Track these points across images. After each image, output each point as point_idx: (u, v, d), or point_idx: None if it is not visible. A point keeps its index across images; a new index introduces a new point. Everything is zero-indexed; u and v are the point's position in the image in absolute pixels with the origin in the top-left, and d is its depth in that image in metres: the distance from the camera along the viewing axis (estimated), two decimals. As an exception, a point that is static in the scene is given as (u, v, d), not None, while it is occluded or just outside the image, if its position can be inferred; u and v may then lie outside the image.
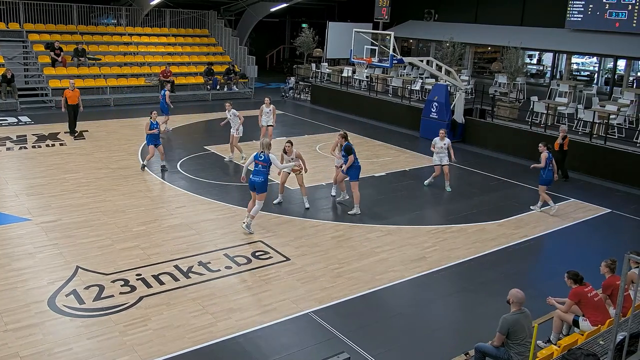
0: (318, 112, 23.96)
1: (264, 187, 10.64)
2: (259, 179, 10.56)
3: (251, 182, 10.67)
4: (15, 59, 22.99)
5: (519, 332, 6.38)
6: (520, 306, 6.54)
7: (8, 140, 16.49)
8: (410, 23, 29.67)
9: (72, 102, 17.39)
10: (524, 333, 6.39)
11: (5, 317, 7.56)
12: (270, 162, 10.68)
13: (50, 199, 11.97)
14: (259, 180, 10.56)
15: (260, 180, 10.55)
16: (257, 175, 10.60)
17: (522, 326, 6.41)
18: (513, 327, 6.41)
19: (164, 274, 8.98)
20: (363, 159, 16.52)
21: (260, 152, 10.76)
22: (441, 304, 8.75)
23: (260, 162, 10.64)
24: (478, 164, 16.83)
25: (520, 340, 6.39)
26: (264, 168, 10.61)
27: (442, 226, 11.72)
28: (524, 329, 6.39)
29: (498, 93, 21.70)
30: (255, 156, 10.79)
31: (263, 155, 10.68)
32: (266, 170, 10.66)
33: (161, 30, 27.85)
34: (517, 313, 6.51)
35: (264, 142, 10.77)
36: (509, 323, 6.42)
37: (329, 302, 8.43)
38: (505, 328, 6.42)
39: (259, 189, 10.60)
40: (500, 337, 6.46)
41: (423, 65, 19.86)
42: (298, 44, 29.77)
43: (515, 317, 6.47)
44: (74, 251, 9.61)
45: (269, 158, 10.65)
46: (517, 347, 6.39)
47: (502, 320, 6.47)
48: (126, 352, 6.98)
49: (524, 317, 6.48)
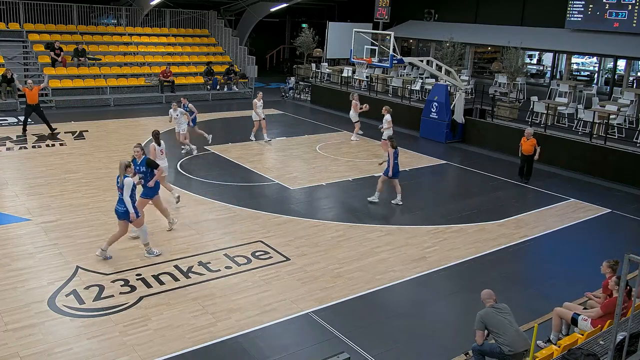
0: (318, 112, 23.96)
1: (128, 213, 9.14)
2: (122, 208, 9.13)
3: (115, 211, 9.27)
4: (15, 59, 22.99)
5: (498, 324, 6.45)
6: (492, 301, 6.65)
7: (8, 140, 16.49)
8: (410, 23, 29.67)
9: (31, 101, 17.11)
10: (504, 324, 6.44)
11: (5, 317, 7.56)
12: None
13: (50, 199, 11.97)
14: (122, 210, 9.13)
15: (123, 209, 9.12)
16: (120, 203, 9.15)
17: (499, 319, 6.49)
18: (489, 321, 6.50)
19: (164, 274, 8.98)
20: (363, 159, 16.57)
21: (117, 177, 9.20)
22: (441, 304, 8.75)
23: (120, 190, 9.13)
24: (478, 164, 16.82)
25: (503, 331, 6.43)
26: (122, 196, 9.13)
27: (442, 226, 11.72)
28: (502, 321, 6.46)
29: (498, 93, 21.70)
30: (119, 183, 9.17)
31: (119, 180, 9.14)
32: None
33: (161, 30, 27.85)
34: (489, 307, 6.62)
35: (121, 164, 9.10)
36: (482, 317, 6.55)
37: (329, 302, 8.42)
38: (480, 323, 6.54)
39: (127, 217, 9.18)
40: (478, 333, 6.55)
41: (423, 65, 19.87)
42: (298, 44, 29.77)
43: (488, 310, 6.59)
44: (74, 251, 9.61)
45: (123, 184, 9.05)
46: (503, 337, 6.42)
47: (476, 316, 6.61)
48: (126, 352, 6.98)
49: (497, 310, 6.57)
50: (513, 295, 8.97)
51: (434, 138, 19.50)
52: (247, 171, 14.86)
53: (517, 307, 8.62)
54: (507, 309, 6.62)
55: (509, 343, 6.35)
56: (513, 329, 6.42)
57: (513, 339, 6.35)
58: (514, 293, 9.05)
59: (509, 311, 6.60)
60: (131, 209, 9.10)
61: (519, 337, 6.42)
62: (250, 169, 15.01)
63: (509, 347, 6.34)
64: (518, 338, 6.39)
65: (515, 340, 6.35)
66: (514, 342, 6.34)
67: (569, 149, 16.64)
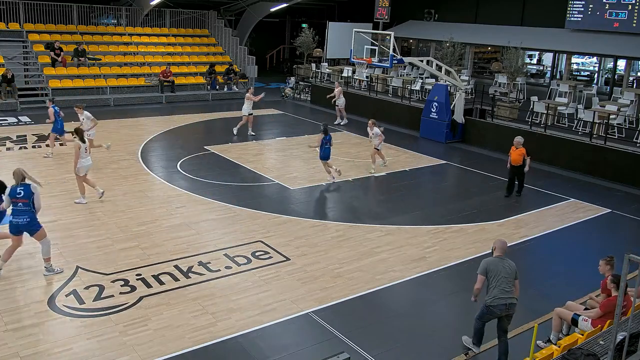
0: (318, 112, 23.95)
1: (35, 224, 8.53)
2: (23, 220, 8.39)
3: (14, 226, 8.44)
4: (15, 59, 22.99)
5: (494, 274, 6.88)
6: (501, 253, 7.06)
7: (8, 140, 16.49)
8: (410, 23, 29.67)
9: None
10: (498, 277, 6.85)
11: (5, 317, 7.56)
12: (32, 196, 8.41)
13: (50, 199, 11.96)
14: (24, 222, 8.41)
15: (26, 221, 8.41)
16: (19, 215, 8.39)
17: (498, 270, 6.89)
18: (490, 269, 6.93)
19: (164, 274, 8.98)
20: (363, 159, 16.57)
21: (16, 187, 8.43)
22: (441, 304, 8.75)
23: (20, 200, 8.36)
24: (478, 164, 16.82)
25: (495, 284, 6.86)
26: (26, 206, 8.39)
27: (442, 226, 11.72)
28: (499, 273, 6.87)
29: (498, 93, 21.71)
30: (12, 193, 8.42)
31: (22, 190, 8.40)
32: (30, 207, 8.44)
33: (161, 30, 27.85)
34: (496, 257, 7.04)
35: (17, 172, 8.47)
36: (487, 263, 6.99)
37: (329, 302, 8.43)
38: (483, 268, 6.97)
39: (30, 230, 8.53)
40: (479, 278, 7.00)
41: (423, 65, 19.87)
42: (298, 44, 29.77)
43: (494, 260, 7.01)
44: (74, 251, 9.61)
45: (30, 191, 8.41)
46: (492, 290, 6.86)
47: (482, 262, 7.06)
48: (126, 352, 6.98)
49: (502, 262, 6.97)
50: (513, 295, 8.99)
51: (434, 138, 19.50)
52: (247, 171, 14.86)
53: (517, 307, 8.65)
54: (511, 267, 6.96)
55: (493, 295, 6.84)
56: (502, 285, 6.82)
57: (497, 294, 6.81)
58: (514, 293, 9.04)
59: (512, 270, 6.94)
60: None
61: (502, 294, 6.81)
62: (250, 169, 15.01)
63: (491, 298, 6.84)
64: (501, 295, 6.80)
65: (498, 296, 6.80)
66: (496, 297, 6.81)
67: (569, 149, 16.64)
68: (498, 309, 6.82)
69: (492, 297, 6.85)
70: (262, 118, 22.36)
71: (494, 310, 6.86)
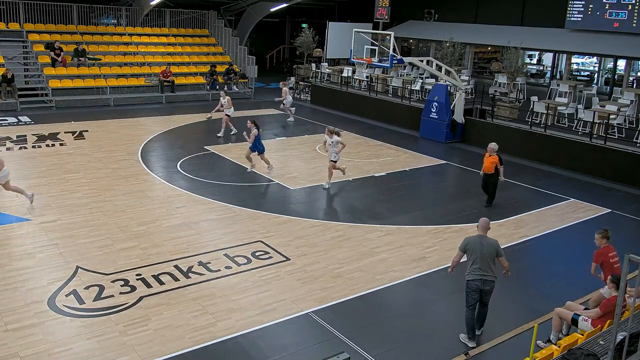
0: (318, 112, 23.96)
1: None
2: None
3: None
4: (15, 59, 22.98)
5: (471, 251, 7.40)
6: (484, 232, 7.54)
7: (8, 140, 16.49)
8: (410, 23, 29.67)
9: None
10: (475, 254, 7.36)
11: (5, 317, 7.56)
12: None
13: (50, 199, 11.96)
14: None
15: None
16: None
17: (476, 247, 7.39)
18: (469, 247, 7.45)
19: (164, 274, 8.98)
20: (363, 158, 16.58)
21: None
22: (441, 304, 8.75)
23: None
24: (478, 164, 16.73)
25: (472, 261, 7.39)
26: None
27: (442, 226, 11.72)
28: (476, 251, 7.37)
29: (498, 93, 21.71)
30: None
31: None
32: None
33: (161, 30, 27.84)
34: (477, 236, 7.54)
35: None
36: (467, 241, 7.53)
37: (329, 302, 8.43)
38: (463, 245, 7.53)
39: None
40: (457, 253, 7.62)
41: (423, 65, 19.87)
42: (298, 44, 29.77)
43: (474, 238, 7.52)
44: (74, 251, 9.61)
45: None
46: (469, 267, 7.41)
47: (464, 239, 7.63)
48: (126, 352, 6.98)
49: (481, 240, 7.46)
50: (513, 295, 8.99)
51: (434, 138, 19.50)
52: (247, 171, 14.85)
53: (517, 307, 8.67)
54: (491, 245, 7.42)
55: (469, 271, 7.41)
56: (479, 262, 7.34)
57: (473, 270, 7.36)
58: (513, 293, 9.05)
59: (491, 248, 7.40)
60: None
61: (478, 271, 7.33)
62: (250, 168, 15.00)
63: (468, 274, 7.42)
64: (476, 272, 7.33)
65: (474, 272, 7.36)
66: (472, 273, 7.37)
67: (569, 149, 16.64)
68: (474, 283, 7.38)
69: (468, 272, 7.44)
70: (262, 118, 22.35)
71: (471, 285, 7.42)
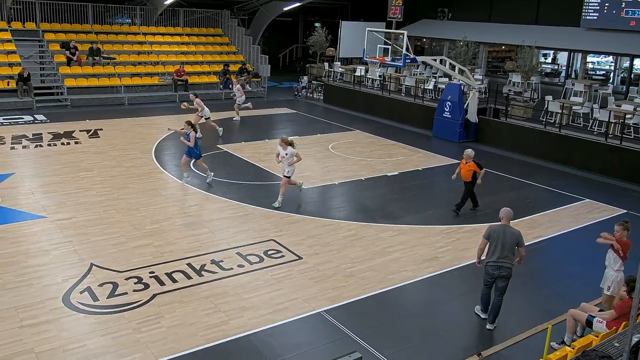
0: (331, 112, 23.95)
1: None
2: None
3: None
4: (31, 58, 23.24)
5: (493, 238, 7.69)
6: (507, 222, 7.84)
7: (24, 139, 16.67)
8: (424, 22, 29.55)
9: None
10: (496, 241, 7.65)
11: (20, 313, 7.65)
12: None
13: (65, 197, 12.07)
14: None
15: None
16: None
17: (498, 235, 7.67)
18: (492, 234, 7.75)
19: (177, 272, 9.03)
20: (376, 158, 16.54)
21: None
22: (454, 304, 8.71)
23: None
24: (491, 163, 16.71)
25: (492, 247, 7.70)
26: None
27: (455, 226, 11.66)
28: (498, 238, 7.66)
29: (512, 92, 21.55)
30: None
31: None
32: None
33: (175, 30, 28.00)
34: (500, 225, 7.81)
35: None
36: (490, 229, 7.82)
37: (341, 301, 8.42)
38: (487, 233, 7.82)
39: None
40: (481, 241, 7.91)
41: (436, 64, 19.78)
42: (311, 43, 29.79)
43: (497, 226, 7.79)
44: (89, 248, 9.70)
45: None
46: (489, 253, 7.73)
47: (487, 227, 7.92)
48: (140, 349, 7.03)
49: (504, 229, 7.73)
50: (527, 295, 8.92)
51: (447, 137, 19.41)
52: (260, 170, 14.89)
53: (531, 308, 8.61)
54: (513, 234, 7.67)
55: (488, 257, 7.74)
56: (499, 249, 7.63)
57: (491, 256, 7.69)
58: (527, 293, 8.99)
59: (513, 237, 7.66)
60: None
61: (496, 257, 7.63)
62: (263, 167, 15.04)
63: (487, 259, 7.75)
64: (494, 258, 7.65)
65: (492, 258, 7.67)
66: (490, 258, 7.70)
67: (584, 149, 16.48)
68: (491, 268, 7.72)
69: (487, 258, 7.78)
70: (275, 117, 22.42)
71: (488, 270, 7.77)
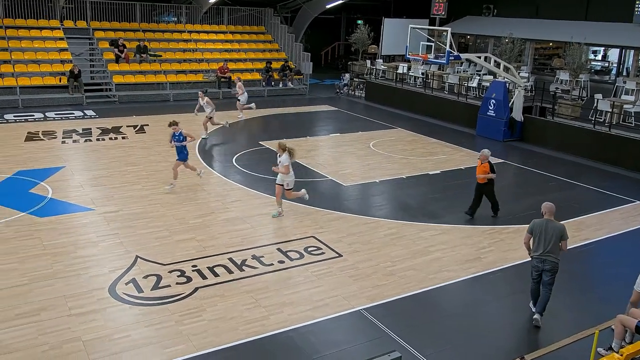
0: (372, 109, 23.84)
1: None
2: None
3: None
4: (82, 55, 24.05)
5: (537, 233, 7.82)
6: (550, 215, 7.87)
7: (74, 133, 17.23)
8: (468, 19, 29.07)
9: None
10: (539, 235, 7.80)
11: (69, 302, 7.91)
12: None
13: (112, 190, 12.41)
14: None
15: None
16: None
17: (542, 229, 7.80)
18: (535, 228, 7.88)
19: (218, 266, 9.16)
20: (418, 156, 16.38)
21: None
22: (496, 305, 8.54)
23: None
24: (537, 163, 16.32)
25: (536, 242, 7.86)
26: None
27: (499, 226, 11.44)
28: (541, 232, 7.79)
29: (559, 90, 20.96)
30: None
31: None
32: None
33: (219, 28, 28.40)
34: (543, 219, 7.88)
35: None
36: (533, 223, 7.94)
37: (381, 299, 8.38)
38: (530, 227, 7.95)
39: None
40: (525, 236, 8.04)
41: (481, 61, 19.43)
42: (353, 41, 29.72)
43: (540, 220, 7.88)
44: (134, 241, 9.94)
45: None
46: (533, 247, 7.90)
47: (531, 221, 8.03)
48: (182, 342, 7.16)
49: (547, 223, 7.82)
50: (573, 299, 8.68)
51: (491, 136, 19.05)
52: (300, 167, 14.94)
53: (577, 311, 8.37)
54: (556, 228, 7.76)
55: (533, 250, 7.94)
56: (542, 243, 7.77)
57: (535, 249, 7.86)
58: (574, 296, 8.75)
59: (556, 231, 7.74)
60: None
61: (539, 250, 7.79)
62: (304, 164, 15.10)
63: (532, 253, 7.94)
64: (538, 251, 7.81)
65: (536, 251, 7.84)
66: (534, 252, 7.87)
67: (636, 150, 15.89)
68: (535, 261, 7.90)
69: (532, 252, 7.95)
70: (317, 114, 22.46)
71: (533, 262, 7.95)
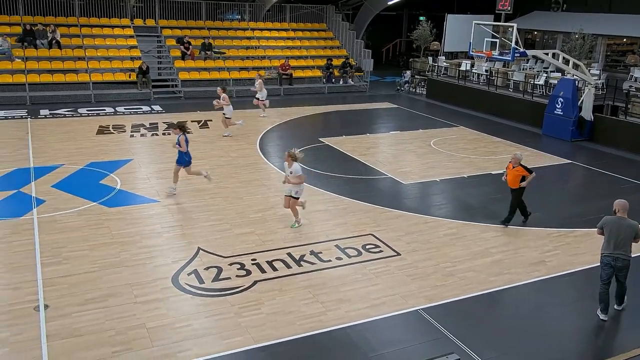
0: (434, 107, 23.48)
1: None
2: None
3: None
4: (150, 52, 24.94)
5: (609, 231, 7.68)
6: (622, 213, 7.73)
7: (142, 127, 17.88)
8: (535, 14, 28.10)
9: None
10: (611, 233, 7.65)
11: (135, 290, 8.21)
12: None
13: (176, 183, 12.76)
14: None
15: None
16: None
17: (613, 227, 7.65)
18: (606, 225, 7.76)
19: (277, 261, 9.27)
20: (480, 155, 16.01)
21: None
22: (561, 310, 8.23)
23: None
24: (608, 164, 15.60)
25: (607, 239, 7.72)
26: None
27: (565, 229, 11.01)
28: (613, 231, 7.64)
29: (633, 88, 19.95)
30: None
31: None
32: None
33: (281, 25, 28.71)
34: (616, 216, 7.75)
35: None
36: (605, 220, 7.81)
37: (440, 300, 8.24)
38: (601, 224, 7.85)
39: None
40: (596, 231, 7.98)
41: (548, 58, 18.75)
42: (415, 37, 29.37)
43: (613, 218, 7.76)
44: (196, 233, 10.21)
45: None
46: (604, 244, 7.76)
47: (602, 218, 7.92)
48: (240, 333, 7.29)
49: (620, 220, 7.68)
50: (644, 309, 8.26)
51: (558, 136, 18.37)
52: (360, 164, 14.92)
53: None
54: (630, 226, 7.61)
55: (604, 248, 7.80)
56: (614, 241, 7.65)
57: (607, 247, 7.73)
58: (645, 306, 8.31)
59: (630, 229, 7.61)
60: None
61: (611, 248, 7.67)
62: (363, 161, 15.05)
63: (602, 251, 7.80)
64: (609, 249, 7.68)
65: (607, 249, 7.71)
66: (606, 250, 7.75)
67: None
68: (606, 258, 7.73)
69: (603, 250, 7.80)
70: (377, 112, 22.34)
71: (603, 260, 7.79)
